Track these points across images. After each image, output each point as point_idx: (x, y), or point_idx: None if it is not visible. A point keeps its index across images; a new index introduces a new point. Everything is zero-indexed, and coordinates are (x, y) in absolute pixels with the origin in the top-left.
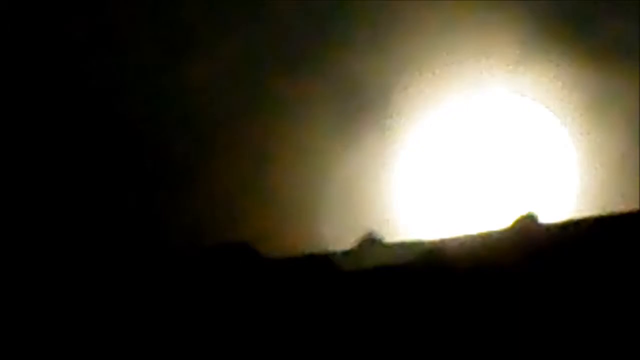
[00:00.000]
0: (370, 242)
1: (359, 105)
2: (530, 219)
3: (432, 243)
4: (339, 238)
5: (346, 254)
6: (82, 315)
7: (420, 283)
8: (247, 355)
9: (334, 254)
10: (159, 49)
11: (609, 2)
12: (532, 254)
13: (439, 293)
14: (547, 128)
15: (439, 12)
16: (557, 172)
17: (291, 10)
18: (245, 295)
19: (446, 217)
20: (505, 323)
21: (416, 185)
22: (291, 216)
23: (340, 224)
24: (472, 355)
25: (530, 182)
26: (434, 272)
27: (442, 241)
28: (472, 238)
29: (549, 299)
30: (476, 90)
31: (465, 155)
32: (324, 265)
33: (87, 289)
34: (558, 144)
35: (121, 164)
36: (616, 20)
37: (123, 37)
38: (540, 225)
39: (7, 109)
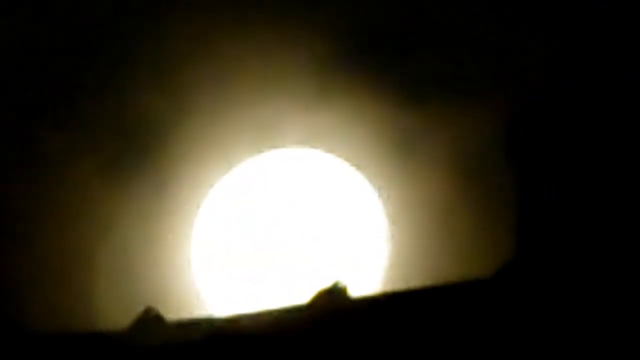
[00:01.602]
0: (148, 319)
1: (129, 153)
2: (333, 292)
3: (222, 320)
4: (112, 315)
5: (121, 333)
6: None
7: None
8: None
9: (107, 332)
10: None
11: (419, 34)
12: (336, 331)
13: None
14: (350, 180)
15: (223, 43)
16: (363, 233)
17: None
18: None
19: (239, 290)
20: None
21: (204, 254)
22: (58, 290)
23: (113, 300)
24: None
25: (333, 246)
26: (225, 354)
27: (234, 318)
28: (269, 314)
29: None
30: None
31: (258, 215)
32: (94, 345)
33: None
34: (363, 198)
35: None
36: (428, 54)
37: None
38: (345, 299)
39: None
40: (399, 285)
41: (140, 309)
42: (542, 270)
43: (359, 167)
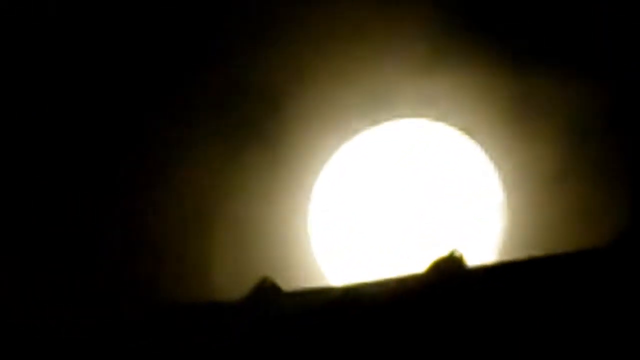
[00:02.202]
0: (265, 289)
1: (245, 123)
2: (449, 262)
3: (339, 290)
4: (230, 286)
5: (237, 303)
6: None
7: (325, 336)
8: None
9: (224, 303)
10: None
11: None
12: (452, 301)
13: (347, 347)
14: (465, 149)
15: (335, 9)
16: (478, 201)
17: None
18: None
19: (356, 260)
20: None
21: (322, 223)
22: (173, 261)
23: (231, 270)
24: None
25: (449, 216)
26: (342, 324)
27: (351, 287)
28: (386, 283)
29: (472, 350)
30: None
31: (375, 185)
32: (210, 315)
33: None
34: (478, 167)
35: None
36: (541, 19)
37: None
38: (462, 269)
39: None
40: (514, 253)
41: (257, 279)
42: None
43: (471, 133)
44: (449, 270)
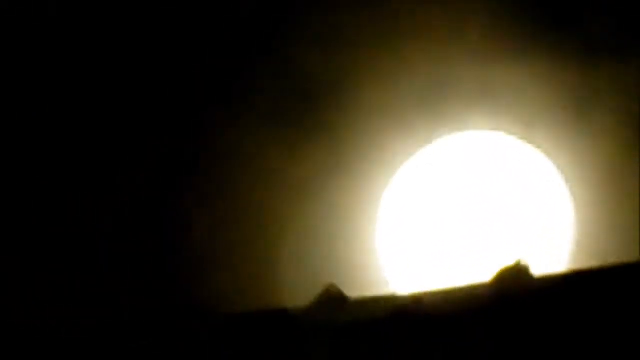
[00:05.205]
0: (332, 297)
1: (315, 130)
2: (516, 271)
3: (405, 298)
4: (296, 293)
5: (302, 310)
6: None
7: (390, 344)
8: None
9: (289, 310)
10: None
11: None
12: (518, 310)
13: (412, 355)
14: (532, 159)
15: (400, 6)
16: (544, 205)
17: None
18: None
19: (422, 268)
20: None
21: (389, 231)
22: (241, 268)
23: (296, 277)
24: None
25: (516, 224)
26: (407, 332)
27: (417, 296)
28: (451, 292)
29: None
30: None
31: (443, 194)
32: (275, 323)
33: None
34: (546, 174)
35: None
36: (603, 19)
37: None
38: (528, 278)
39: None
40: (586, 259)
41: (323, 287)
42: None
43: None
44: (514, 279)
